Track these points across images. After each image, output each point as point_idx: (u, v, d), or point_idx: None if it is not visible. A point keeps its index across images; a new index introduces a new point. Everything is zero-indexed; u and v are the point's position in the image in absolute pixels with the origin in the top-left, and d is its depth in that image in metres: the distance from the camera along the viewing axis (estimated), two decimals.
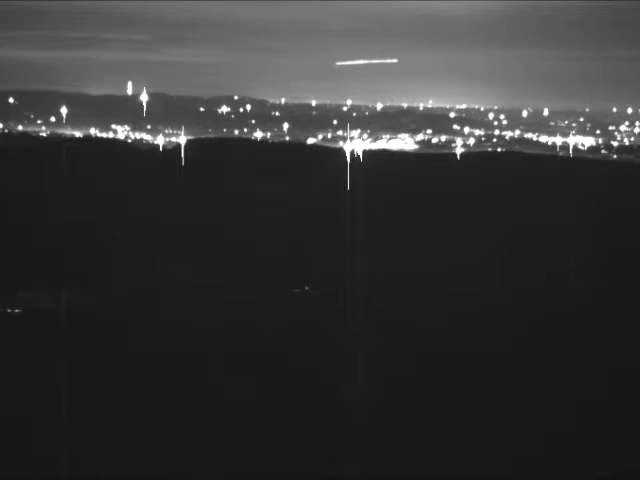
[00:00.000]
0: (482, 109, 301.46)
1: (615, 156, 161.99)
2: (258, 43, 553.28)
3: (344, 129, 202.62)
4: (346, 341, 38.01)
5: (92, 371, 34.12)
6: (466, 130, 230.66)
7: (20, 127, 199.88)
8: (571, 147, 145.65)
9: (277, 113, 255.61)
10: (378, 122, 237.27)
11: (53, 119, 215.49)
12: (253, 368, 34.83)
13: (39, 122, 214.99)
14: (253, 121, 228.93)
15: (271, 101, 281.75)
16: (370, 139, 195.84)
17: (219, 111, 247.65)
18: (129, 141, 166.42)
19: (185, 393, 32.15)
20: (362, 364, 35.07)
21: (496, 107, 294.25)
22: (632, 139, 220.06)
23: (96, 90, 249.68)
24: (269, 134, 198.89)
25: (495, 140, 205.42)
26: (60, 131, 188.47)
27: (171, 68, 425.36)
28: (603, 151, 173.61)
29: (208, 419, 30.10)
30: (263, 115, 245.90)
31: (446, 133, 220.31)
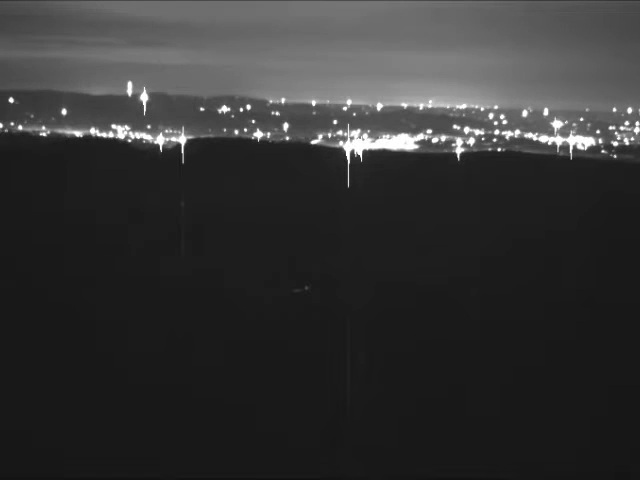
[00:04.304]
0: (482, 109, 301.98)
1: (615, 156, 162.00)
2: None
3: (344, 129, 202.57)
4: (346, 340, 38.00)
5: (92, 371, 34.10)
6: (466, 130, 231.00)
7: (20, 127, 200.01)
8: (571, 147, 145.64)
9: (277, 113, 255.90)
10: (378, 122, 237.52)
11: (53, 119, 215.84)
12: (253, 368, 34.81)
13: (39, 122, 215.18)
14: (253, 121, 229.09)
15: (271, 101, 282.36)
16: (370, 139, 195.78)
17: (219, 111, 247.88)
18: (129, 141, 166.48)
19: (184, 393, 32.15)
20: (361, 364, 35.07)
21: (496, 107, 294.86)
22: (632, 139, 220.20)
23: (96, 90, 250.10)
24: (269, 134, 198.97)
25: (495, 140, 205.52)
26: (60, 131, 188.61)
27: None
28: (603, 151, 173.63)
29: (207, 418, 30.11)
30: (263, 115, 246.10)
31: (446, 133, 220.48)
